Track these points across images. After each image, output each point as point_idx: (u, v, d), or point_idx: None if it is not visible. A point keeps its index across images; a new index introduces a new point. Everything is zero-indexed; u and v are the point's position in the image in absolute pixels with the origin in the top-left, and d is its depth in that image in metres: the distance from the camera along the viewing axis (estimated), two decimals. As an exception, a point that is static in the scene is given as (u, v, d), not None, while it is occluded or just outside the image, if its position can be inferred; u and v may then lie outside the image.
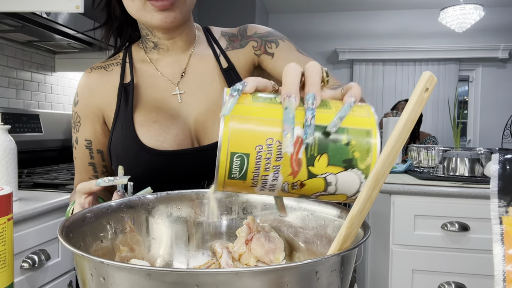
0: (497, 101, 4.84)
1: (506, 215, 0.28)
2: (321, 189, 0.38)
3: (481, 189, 1.60)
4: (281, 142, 0.36)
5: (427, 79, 0.35)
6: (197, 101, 0.78)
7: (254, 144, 0.36)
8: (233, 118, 0.36)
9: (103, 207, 0.52)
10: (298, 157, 0.36)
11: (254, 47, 0.83)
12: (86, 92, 0.81)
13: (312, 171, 0.37)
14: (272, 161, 0.36)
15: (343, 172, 0.37)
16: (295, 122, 0.36)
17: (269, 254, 0.51)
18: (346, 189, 0.39)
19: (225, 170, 0.37)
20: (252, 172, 0.37)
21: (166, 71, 0.81)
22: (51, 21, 1.50)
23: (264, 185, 0.38)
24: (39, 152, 1.97)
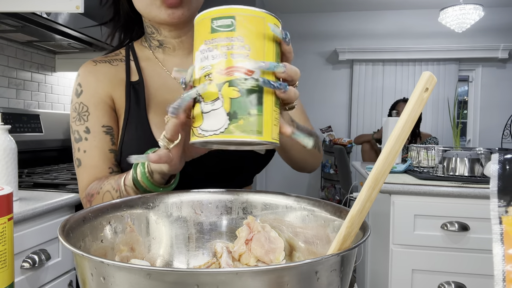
0: (497, 101, 4.85)
1: (505, 215, 0.28)
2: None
3: (480, 189, 1.60)
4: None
5: (427, 79, 0.35)
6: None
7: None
8: None
9: (103, 207, 0.52)
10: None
11: None
12: (92, 82, 0.78)
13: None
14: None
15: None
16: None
17: (269, 254, 0.51)
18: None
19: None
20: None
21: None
22: (51, 21, 1.50)
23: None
24: (39, 152, 1.97)
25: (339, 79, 5.20)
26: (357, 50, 5.00)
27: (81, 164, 0.76)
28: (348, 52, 5.02)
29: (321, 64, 5.22)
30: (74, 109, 0.78)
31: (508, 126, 4.13)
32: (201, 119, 0.45)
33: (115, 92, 0.78)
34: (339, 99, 5.19)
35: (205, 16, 0.46)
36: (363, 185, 0.37)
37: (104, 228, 0.50)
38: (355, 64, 5.06)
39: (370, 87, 5.04)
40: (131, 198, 0.56)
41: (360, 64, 5.05)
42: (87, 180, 0.76)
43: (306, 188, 5.33)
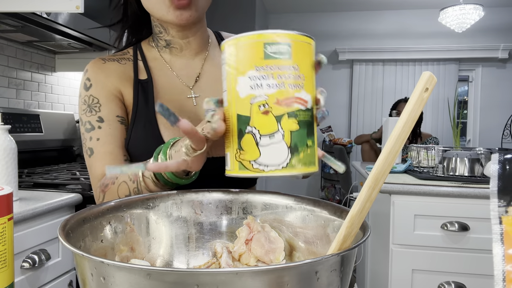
0: (497, 101, 4.85)
1: (505, 215, 0.28)
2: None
3: (481, 189, 1.60)
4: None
5: (427, 79, 0.35)
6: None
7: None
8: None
9: (103, 207, 0.52)
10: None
11: None
12: (101, 77, 0.78)
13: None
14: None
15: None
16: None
17: (269, 254, 0.51)
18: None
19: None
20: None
21: (181, 73, 0.80)
22: (51, 21, 1.50)
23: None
24: (39, 152, 1.97)
25: (339, 79, 5.20)
26: (357, 50, 5.00)
27: (93, 153, 0.74)
28: (348, 52, 5.02)
29: (321, 64, 5.22)
30: (83, 102, 0.77)
31: (508, 126, 4.13)
32: (257, 152, 0.42)
33: (124, 88, 0.78)
34: (339, 99, 5.19)
35: (256, 38, 0.43)
36: (363, 185, 0.37)
37: (104, 228, 0.50)
38: (355, 64, 5.06)
39: (370, 87, 5.04)
40: (131, 198, 0.56)
41: (360, 64, 5.05)
42: (100, 169, 0.73)
43: (306, 188, 5.33)
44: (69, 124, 2.17)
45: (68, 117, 2.18)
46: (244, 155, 0.43)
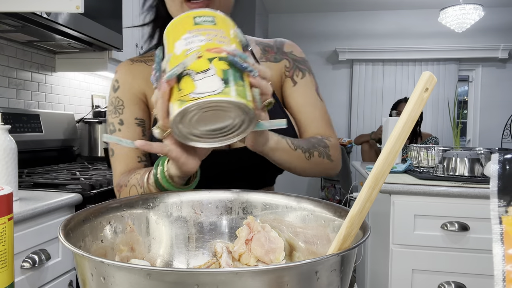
0: (497, 101, 4.85)
1: (505, 215, 0.28)
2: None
3: (480, 189, 1.60)
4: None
5: (426, 79, 0.35)
6: None
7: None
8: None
9: (103, 207, 0.52)
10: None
11: (286, 67, 0.87)
12: (129, 79, 0.84)
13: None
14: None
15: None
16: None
17: (269, 254, 0.51)
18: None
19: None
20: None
21: None
22: (51, 21, 1.50)
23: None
24: (39, 152, 1.97)
25: (339, 79, 5.20)
26: (357, 50, 5.00)
27: (114, 154, 0.82)
28: (348, 52, 5.02)
29: (321, 64, 5.22)
30: (111, 103, 0.84)
31: (508, 126, 4.12)
32: (193, 86, 0.48)
33: (149, 89, 0.84)
34: (339, 99, 5.19)
35: (185, 16, 0.54)
36: (363, 185, 0.37)
37: (104, 228, 0.50)
38: (355, 64, 5.06)
39: (370, 87, 5.04)
40: (131, 198, 0.56)
41: (360, 64, 5.05)
42: (119, 169, 0.80)
43: (306, 188, 5.33)
44: (69, 124, 2.17)
45: (68, 117, 2.18)
46: (183, 92, 0.49)
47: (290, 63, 0.87)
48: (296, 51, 0.90)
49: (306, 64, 0.89)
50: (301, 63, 0.88)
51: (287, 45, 0.90)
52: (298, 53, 0.90)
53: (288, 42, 0.91)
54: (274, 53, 0.88)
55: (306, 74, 0.88)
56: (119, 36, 2.00)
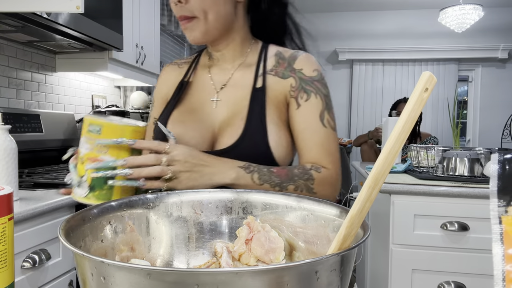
0: (497, 101, 4.85)
1: (505, 214, 0.28)
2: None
3: (480, 189, 1.60)
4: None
5: (426, 79, 0.35)
6: (226, 111, 0.87)
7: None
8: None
9: (103, 207, 0.52)
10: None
11: (292, 86, 0.87)
12: (160, 81, 0.99)
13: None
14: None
15: None
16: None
17: (269, 254, 0.51)
18: None
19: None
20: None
21: (215, 77, 0.92)
22: (51, 21, 1.50)
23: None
24: (40, 152, 1.97)
25: (339, 79, 5.20)
26: (357, 50, 5.00)
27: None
28: (348, 52, 5.02)
29: (321, 64, 5.22)
30: (152, 98, 1.04)
31: (508, 126, 4.13)
32: (75, 187, 0.71)
33: (172, 90, 0.95)
34: (339, 99, 5.19)
35: (85, 119, 0.70)
36: (363, 185, 0.38)
37: (104, 228, 0.50)
38: (355, 64, 5.06)
39: (370, 87, 5.04)
40: (131, 198, 0.56)
41: (360, 64, 5.05)
42: None
43: (306, 188, 5.32)
44: (70, 124, 2.17)
45: (69, 117, 2.18)
46: (73, 188, 0.72)
47: (296, 83, 0.86)
48: (307, 68, 0.88)
49: (313, 84, 0.87)
50: (307, 84, 0.87)
51: (299, 60, 0.89)
52: (309, 71, 0.88)
53: (301, 58, 0.90)
54: (284, 68, 0.88)
55: (312, 96, 0.86)
56: (119, 36, 2.00)
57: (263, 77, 0.87)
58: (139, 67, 2.40)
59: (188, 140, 0.84)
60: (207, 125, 0.87)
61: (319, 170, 0.81)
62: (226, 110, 0.87)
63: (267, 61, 0.89)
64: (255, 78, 0.87)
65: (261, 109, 0.83)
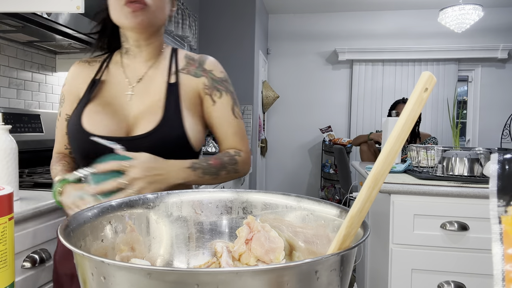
0: (496, 101, 4.85)
1: (505, 214, 0.28)
2: None
3: (480, 188, 1.60)
4: None
5: (426, 79, 0.35)
6: (141, 103, 0.96)
7: None
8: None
9: (103, 207, 0.52)
10: None
11: (205, 84, 1.01)
12: (70, 78, 1.04)
13: None
14: None
15: None
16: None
17: (269, 254, 0.51)
18: None
19: None
20: None
21: (129, 74, 1.00)
22: (51, 22, 1.51)
23: None
24: (40, 152, 1.97)
25: (339, 79, 5.21)
26: (356, 50, 5.00)
27: (55, 135, 1.07)
28: (347, 52, 5.02)
29: (321, 64, 5.23)
30: (60, 94, 1.06)
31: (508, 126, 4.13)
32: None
33: (82, 86, 1.01)
34: (339, 99, 5.19)
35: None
36: (363, 185, 0.38)
37: (104, 227, 0.50)
38: (354, 64, 5.06)
39: (369, 87, 5.04)
40: (131, 198, 0.56)
41: (360, 64, 5.06)
42: (54, 149, 1.07)
43: (306, 188, 5.33)
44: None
45: (68, 117, 2.18)
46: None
47: (209, 82, 1.01)
48: (216, 70, 1.03)
49: (223, 84, 1.03)
50: (219, 83, 1.02)
51: (208, 63, 1.04)
52: (218, 73, 1.03)
53: (210, 60, 1.05)
54: (195, 67, 1.02)
55: (223, 94, 1.02)
56: (119, 36, 2.00)
57: (176, 74, 1.00)
58: (139, 67, 2.40)
59: (103, 129, 0.92)
60: (122, 116, 0.95)
61: (239, 154, 1.01)
62: (141, 102, 0.97)
63: (178, 62, 1.03)
64: (168, 75, 0.99)
65: (176, 100, 0.96)
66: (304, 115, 5.23)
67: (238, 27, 4.21)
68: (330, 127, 5.08)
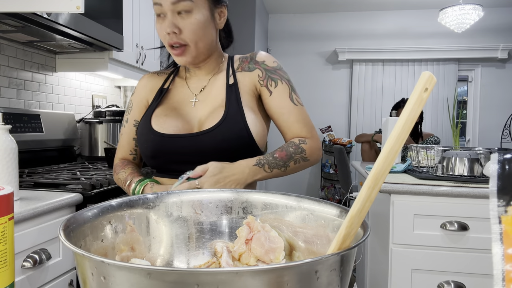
0: (496, 101, 4.85)
1: (505, 214, 0.28)
2: None
3: (480, 188, 1.60)
4: None
5: (426, 79, 0.35)
6: (205, 107, 1.02)
7: None
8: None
9: (103, 207, 0.52)
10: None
11: (260, 76, 1.03)
12: (140, 87, 1.13)
13: None
14: None
15: None
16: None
17: (269, 254, 0.51)
18: None
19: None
20: None
21: (192, 85, 1.08)
22: (51, 21, 1.51)
23: None
24: (40, 152, 1.97)
25: (339, 79, 5.20)
26: (356, 50, 5.00)
27: (119, 142, 1.15)
28: (347, 52, 5.02)
29: (321, 64, 5.22)
30: (128, 103, 1.15)
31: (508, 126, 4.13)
32: None
33: (151, 95, 1.10)
34: (339, 99, 5.19)
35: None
36: (363, 184, 0.38)
37: (104, 227, 0.50)
38: (354, 64, 5.06)
39: (369, 87, 5.04)
40: (131, 198, 0.56)
41: (360, 64, 5.06)
42: (117, 155, 1.14)
43: (306, 188, 5.33)
44: (70, 124, 2.17)
45: (69, 117, 2.18)
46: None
47: (263, 73, 1.03)
48: (269, 61, 1.05)
49: (277, 73, 1.03)
50: (272, 73, 1.03)
51: (259, 55, 1.06)
52: (270, 63, 1.04)
53: (261, 53, 1.07)
54: (248, 63, 1.05)
55: (279, 82, 1.02)
56: (119, 36, 2.00)
57: (234, 76, 1.04)
58: (139, 67, 2.40)
59: (168, 127, 0.99)
60: (187, 119, 1.01)
61: (305, 142, 0.99)
62: (205, 106, 1.02)
63: (234, 64, 1.07)
64: (227, 78, 1.04)
65: (236, 97, 0.99)
66: (304, 115, 5.21)
67: (238, 27, 4.20)
68: (330, 127, 5.07)
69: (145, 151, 1.02)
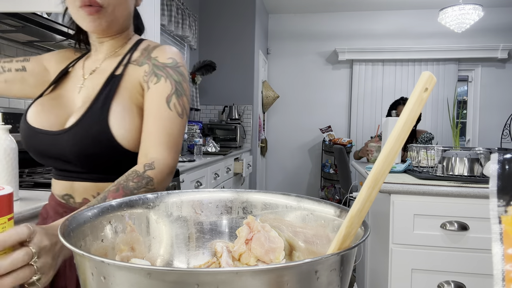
0: (496, 101, 4.85)
1: (505, 214, 0.28)
2: None
3: (480, 188, 1.60)
4: None
5: (426, 79, 0.35)
6: (86, 95, 0.90)
7: None
8: None
9: (103, 207, 0.52)
10: None
11: (145, 71, 0.89)
12: (55, 57, 1.07)
13: None
14: None
15: None
16: None
17: (269, 254, 0.51)
18: None
19: None
20: None
21: (86, 66, 0.96)
22: (51, 21, 1.51)
23: None
24: (39, 152, 1.97)
25: (339, 79, 5.21)
26: (356, 50, 5.00)
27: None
28: (347, 52, 5.02)
29: (321, 64, 5.23)
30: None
31: (508, 126, 4.13)
32: None
33: (54, 75, 1.01)
34: (339, 99, 5.19)
35: None
36: (363, 184, 0.38)
37: (104, 227, 0.50)
38: (354, 64, 5.07)
39: (369, 87, 5.04)
40: (131, 198, 0.56)
41: (359, 64, 5.06)
42: None
43: (306, 188, 5.33)
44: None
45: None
46: None
47: (149, 68, 0.88)
48: (162, 57, 0.90)
49: (165, 70, 0.88)
50: (159, 69, 0.88)
51: (157, 50, 0.92)
52: (162, 59, 0.89)
53: (160, 48, 0.93)
54: (144, 57, 0.92)
55: (161, 80, 0.86)
56: (119, 36, 2.01)
57: (125, 66, 0.91)
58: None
59: (41, 121, 0.87)
60: (66, 109, 0.89)
61: (152, 167, 0.77)
62: (86, 94, 0.90)
63: (134, 53, 0.93)
64: (117, 66, 0.91)
65: (110, 92, 0.85)
66: (304, 115, 5.23)
67: (238, 27, 4.21)
68: (330, 127, 5.08)
69: (23, 141, 0.91)
